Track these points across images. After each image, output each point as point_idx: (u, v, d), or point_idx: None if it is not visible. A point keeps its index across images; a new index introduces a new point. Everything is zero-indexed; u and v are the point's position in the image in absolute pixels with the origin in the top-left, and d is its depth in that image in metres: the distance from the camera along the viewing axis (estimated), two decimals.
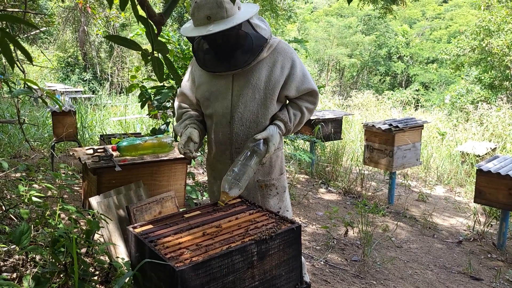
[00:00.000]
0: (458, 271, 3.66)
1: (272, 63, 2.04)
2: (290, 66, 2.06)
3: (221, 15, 1.87)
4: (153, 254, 1.47)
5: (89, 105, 9.43)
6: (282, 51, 2.06)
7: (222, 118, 2.09)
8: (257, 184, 2.15)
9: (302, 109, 2.11)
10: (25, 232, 1.89)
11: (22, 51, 1.01)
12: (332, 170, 6.26)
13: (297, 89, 2.07)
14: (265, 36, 2.00)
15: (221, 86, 2.08)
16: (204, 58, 2.04)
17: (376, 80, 29.07)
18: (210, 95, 2.10)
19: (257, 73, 2.03)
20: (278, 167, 2.20)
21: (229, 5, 1.88)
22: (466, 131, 9.46)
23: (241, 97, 2.04)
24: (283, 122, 2.07)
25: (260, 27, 2.00)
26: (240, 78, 2.04)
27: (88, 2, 7.81)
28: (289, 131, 2.11)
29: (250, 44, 1.95)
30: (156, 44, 1.18)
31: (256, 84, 2.03)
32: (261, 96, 2.04)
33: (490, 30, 14.12)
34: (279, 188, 2.19)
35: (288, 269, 1.65)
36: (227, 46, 1.96)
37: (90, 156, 2.48)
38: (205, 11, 1.87)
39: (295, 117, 2.10)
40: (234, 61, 1.97)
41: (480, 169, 4.18)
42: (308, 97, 2.12)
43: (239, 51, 1.96)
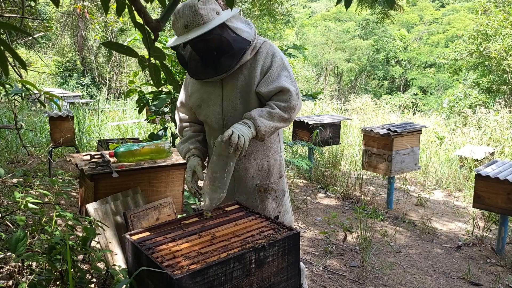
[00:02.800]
0: (457, 277, 3.64)
1: (254, 62, 2.03)
2: (270, 64, 2.03)
3: (197, 22, 1.90)
4: (150, 261, 1.45)
5: (87, 110, 9.42)
6: (265, 50, 2.05)
7: (215, 124, 2.11)
8: (255, 188, 2.13)
9: (271, 105, 1.98)
10: (21, 239, 1.87)
11: (16, 58, 1.00)
12: (331, 175, 6.24)
13: (266, 86, 1.99)
14: (248, 38, 1.99)
15: (211, 93, 2.10)
16: (192, 67, 2.06)
17: (374, 84, 29.13)
18: (202, 102, 2.13)
19: (243, 76, 2.03)
20: (277, 170, 2.18)
21: (204, 11, 1.90)
22: (464, 135, 9.47)
23: (230, 101, 2.05)
24: (244, 116, 1.95)
25: (241, 30, 1.99)
26: (228, 83, 2.05)
27: (86, 8, 7.82)
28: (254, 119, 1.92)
29: (231, 48, 1.95)
30: (153, 51, 1.17)
31: (243, 87, 2.03)
32: (246, 97, 2.04)
33: (487, 34, 14.17)
34: (278, 192, 2.18)
35: (287, 276, 1.63)
36: (209, 52, 1.98)
37: (87, 162, 2.47)
38: (182, 20, 1.91)
39: (260, 110, 1.96)
40: (219, 67, 1.98)
41: (478, 174, 4.17)
42: (279, 96, 2.00)
43: (223, 56, 1.97)
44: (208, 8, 1.92)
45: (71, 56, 19.74)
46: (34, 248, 2.18)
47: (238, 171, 2.11)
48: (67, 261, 1.77)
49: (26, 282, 1.89)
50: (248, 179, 2.13)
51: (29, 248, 2.16)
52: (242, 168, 2.11)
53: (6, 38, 3.59)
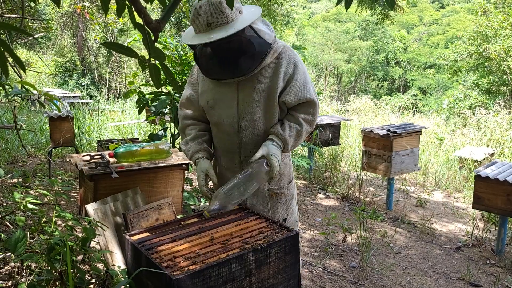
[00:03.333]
0: (457, 278, 3.64)
1: (276, 68, 1.96)
2: (292, 72, 1.98)
3: (221, 21, 1.81)
4: (150, 262, 1.45)
5: (87, 110, 9.42)
6: (286, 56, 1.98)
7: (229, 128, 2.03)
8: (267, 193, 2.10)
9: (300, 121, 2.00)
10: (21, 240, 1.87)
11: (16, 59, 1.00)
12: (330, 176, 6.24)
13: (295, 96, 1.97)
14: (269, 41, 1.91)
15: (225, 94, 2.00)
16: (207, 65, 1.95)
17: (374, 85, 29.14)
18: (215, 103, 2.03)
19: (262, 80, 1.96)
20: (287, 174, 2.16)
21: (229, 10, 1.81)
22: (464, 136, 9.48)
23: (247, 105, 1.98)
24: (276, 134, 1.97)
25: (263, 32, 1.90)
26: (245, 86, 1.97)
27: (86, 8, 7.82)
28: (287, 143, 1.98)
29: (253, 50, 1.86)
30: (153, 51, 1.17)
31: (261, 92, 1.96)
32: (267, 103, 1.97)
33: (487, 35, 14.17)
34: (288, 196, 2.16)
35: (286, 277, 1.63)
36: (229, 53, 1.88)
37: (87, 162, 2.46)
38: (205, 18, 1.81)
39: (290, 129, 1.99)
40: (238, 68, 1.89)
41: (478, 175, 4.17)
42: (306, 108, 2.01)
43: (242, 58, 1.87)
44: (230, 7, 1.80)
45: (71, 57, 19.75)
46: (34, 248, 2.18)
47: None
48: (67, 262, 1.77)
49: (26, 283, 1.89)
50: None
51: (29, 249, 2.16)
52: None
53: (6, 38, 3.59)
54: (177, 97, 3.84)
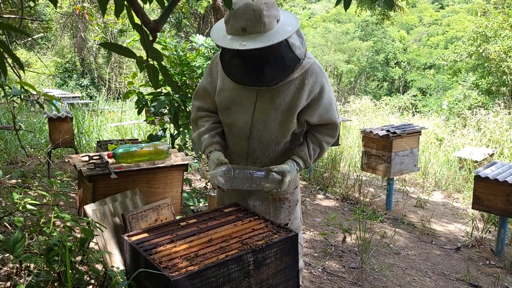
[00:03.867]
0: (456, 278, 3.64)
1: (301, 85, 1.90)
2: (319, 92, 1.93)
3: (257, 29, 1.73)
4: (148, 263, 1.45)
5: (87, 111, 9.42)
6: (314, 74, 1.92)
7: (240, 132, 2.00)
8: (271, 198, 2.09)
9: (322, 144, 2.03)
10: (19, 240, 1.87)
11: (14, 59, 1.00)
12: (330, 176, 6.24)
13: (319, 117, 1.95)
14: (300, 56, 1.84)
15: (244, 98, 1.95)
16: (231, 67, 1.88)
17: (374, 85, 29.14)
18: (232, 105, 1.98)
19: (283, 94, 1.90)
20: (293, 181, 2.12)
21: (268, 19, 1.73)
22: (463, 136, 9.47)
23: (262, 115, 1.94)
24: (303, 159, 2.00)
25: (296, 46, 1.84)
26: (264, 95, 1.92)
27: (86, 9, 7.82)
28: (308, 167, 2.07)
29: (282, 63, 1.81)
30: (151, 52, 1.16)
31: (280, 105, 1.91)
32: (283, 117, 1.93)
33: (487, 36, 14.18)
34: (292, 202, 2.15)
35: (285, 278, 1.63)
36: (257, 62, 1.81)
37: (86, 163, 2.46)
38: (241, 22, 1.73)
39: (314, 153, 2.04)
40: (262, 78, 1.83)
41: (478, 175, 4.17)
42: (328, 130, 2.02)
43: (269, 69, 1.81)
44: (271, 15, 1.75)
45: (71, 57, 19.76)
46: (32, 249, 2.18)
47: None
48: (65, 263, 1.76)
49: (24, 284, 1.89)
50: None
51: (27, 250, 2.15)
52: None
53: (6, 39, 3.58)
54: (176, 98, 3.84)
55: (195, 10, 14.79)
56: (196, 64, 4.08)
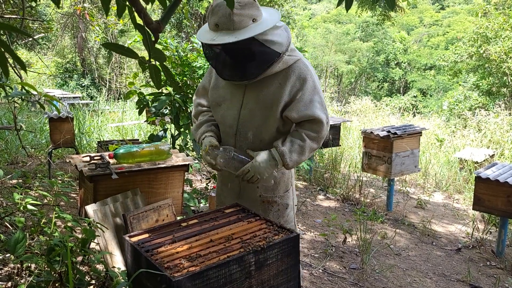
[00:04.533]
0: (457, 279, 3.64)
1: (284, 80, 1.95)
2: (300, 87, 1.95)
3: (227, 26, 1.81)
4: (150, 264, 1.45)
5: (87, 111, 9.41)
6: (297, 70, 1.95)
7: (228, 129, 2.06)
8: (259, 199, 2.11)
9: (302, 136, 1.97)
10: (20, 241, 1.87)
11: (17, 60, 1.00)
12: (331, 177, 6.24)
13: (298, 113, 1.95)
14: (278, 50, 1.88)
15: (233, 95, 2.03)
16: (215, 62, 1.98)
17: (374, 86, 29.15)
18: (223, 101, 2.07)
19: (266, 89, 1.96)
20: (284, 184, 2.14)
21: (238, 18, 1.80)
22: (464, 137, 9.46)
23: (248, 110, 1.99)
24: (276, 147, 1.97)
25: (272, 42, 1.88)
26: (251, 91, 1.99)
27: (86, 9, 7.82)
28: (284, 157, 1.96)
29: (256, 59, 1.87)
30: (153, 52, 1.16)
31: (263, 100, 1.96)
32: (266, 113, 1.97)
33: (487, 37, 14.18)
34: (281, 206, 2.15)
35: (287, 278, 1.63)
36: (233, 58, 1.91)
37: (87, 163, 2.46)
38: (215, 18, 1.83)
39: (292, 143, 1.97)
40: (242, 72, 1.91)
41: (479, 176, 4.17)
42: (311, 125, 1.98)
43: (246, 64, 1.89)
44: (243, 14, 1.82)
45: (71, 57, 19.76)
46: (33, 249, 2.18)
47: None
48: (67, 263, 1.76)
49: (25, 284, 1.88)
50: (253, 188, 2.11)
51: (28, 250, 2.15)
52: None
53: (6, 39, 3.59)
54: (177, 98, 3.84)
55: (195, 11, 14.80)
56: (197, 65, 4.08)
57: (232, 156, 1.96)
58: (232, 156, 1.96)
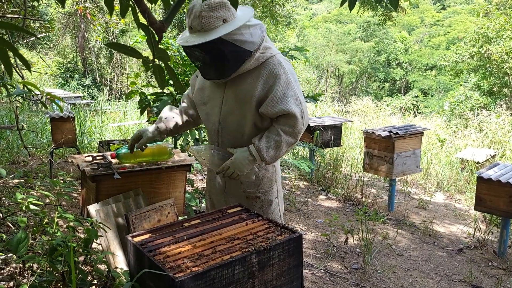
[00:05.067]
0: (459, 280, 3.63)
1: (257, 76, 2.00)
2: (272, 83, 1.98)
3: (198, 28, 1.90)
4: (152, 264, 1.44)
5: (88, 111, 9.41)
6: (269, 66, 1.99)
7: (211, 126, 2.17)
8: (243, 195, 2.18)
9: (278, 131, 1.99)
10: (23, 240, 1.87)
11: (20, 58, 1.00)
12: (332, 177, 6.24)
13: (272, 108, 1.97)
14: (250, 49, 1.94)
15: (215, 93, 2.13)
16: (197, 63, 2.07)
17: (375, 86, 29.14)
18: (207, 100, 2.17)
19: (242, 86, 2.03)
20: (267, 180, 2.18)
21: (207, 20, 1.87)
22: (465, 137, 9.46)
23: (228, 107, 2.08)
24: (253, 143, 2.01)
25: (243, 41, 1.93)
26: (230, 88, 2.07)
27: (88, 9, 7.82)
28: (261, 152, 1.99)
29: (229, 58, 1.94)
30: (157, 52, 1.16)
31: (240, 96, 2.04)
32: (244, 109, 2.04)
33: (488, 37, 14.17)
34: (264, 202, 2.19)
35: (289, 279, 1.63)
36: (207, 57, 1.99)
37: (89, 163, 2.46)
38: (189, 21, 1.92)
39: (268, 139, 1.99)
40: (218, 71, 2.01)
41: (480, 177, 4.16)
42: (286, 120, 1.99)
43: (219, 63, 1.97)
44: (212, 16, 1.87)
45: (72, 57, 19.77)
46: (35, 249, 2.18)
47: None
48: (69, 263, 1.76)
49: (27, 284, 1.88)
50: (237, 184, 2.18)
51: (30, 250, 2.15)
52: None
53: (8, 38, 3.59)
54: (179, 98, 3.84)
55: None
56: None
57: (212, 153, 2.06)
58: (212, 153, 2.06)
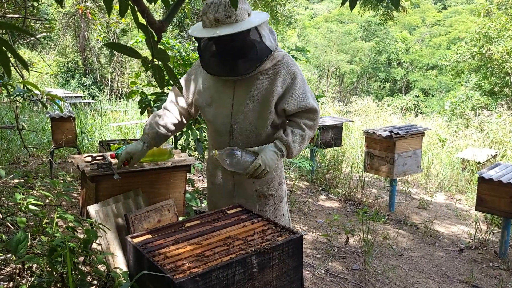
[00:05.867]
0: (460, 280, 3.62)
1: (274, 75, 2.03)
2: (291, 81, 2.04)
3: (229, 19, 1.88)
4: (152, 265, 1.44)
5: (89, 111, 9.40)
6: (286, 65, 2.04)
7: (221, 127, 2.11)
8: (255, 194, 2.16)
9: (301, 126, 2.08)
10: (22, 241, 1.86)
11: (18, 59, 0.99)
12: (333, 177, 6.23)
13: (295, 104, 2.05)
14: (271, 47, 1.98)
15: (222, 93, 2.08)
16: (208, 59, 2.02)
17: (376, 86, 29.11)
18: (212, 101, 2.11)
19: (258, 84, 2.02)
20: (277, 177, 2.21)
21: (239, 10, 1.88)
22: (466, 137, 9.44)
23: (241, 106, 2.05)
24: (280, 139, 2.05)
25: (267, 38, 1.98)
26: (241, 87, 2.04)
27: (88, 8, 7.82)
28: (290, 147, 2.05)
29: (254, 53, 1.94)
30: (157, 52, 1.15)
31: (256, 95, 2.03)
32: (260, 107, 2.04)
33: (490, 36, 14.15)
34: (277, 199, 2.21)
35: (290, 280, 1.62)
36: (231, 51, 1.95)
37: (89, 163, 2.45)
38: (214, 14, 1.88)
39: (293, 134, 2.06)
40: (236, 68, 1.97)
41: (481, 177, 4.15)
42: (307, 114, 2.09)
43: (242, 59, 1.95)
44: (242, 8, 1.90)
45: (73, 57, 19.77)
46: (35, 250, 2.17)
47: (240, 175, 2.13)
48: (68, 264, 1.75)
49: (27, 284, 1.88)
50: (248, 184, 2.16)
51: (30, 250, 2.15)
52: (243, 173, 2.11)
53: (9, 38, 3.58)
54: None
55: (197, 10, 14.78)
56: None
57: (238, 157, 1.98)
58: (238, 157, 1.98)
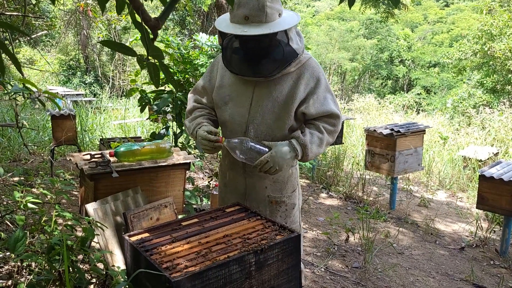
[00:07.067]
0: (460, 278, 3.61)
1: (297, 78, 1.97)
2: (314, 85, 1.99)
3: (259, 18, 1.82)
4: (149, 263, 1.43)
5: (90, 108, 9.41)
6: (310, 68, 1.99)
7: (237, 127, 2.04)
8: (267, 199, 2.11)
9: (321, 128, 2.01)
10: (21, 239, 1.86)
11: (12, 60, 0.98)
12: (333, 175, 6.22)
13: (316, 109, 1.98)
14: (297, 50, 1.93)
15: (241, 93, 2.02)
16: (231, 57, 1.96)
17: (378, 84, 29.04)
18: (229, 100, 2.05)
19: (280, 86, 1.97)
20: (291, 184, 2.15)
21: (270, 10, 1.83)
22: (468, 135, 9.42)
23: (259, 108, 1.99)
24: (297, 139, 1.97)
25: (294, 41, 1.93)
26: (261, 88, 1.98)
27: (89, 6, 7.81)
28: (306, 148, 1.96)
29: (281, 55, 1.88)
30: (151, 50, 1.14)
31: (277, 97, 1.97)
32: (280, 110, 1.97)
33: (492, 34, 14.10)
34: (289, 205, 2.15)
35: (287, 279, 1.61)
36: (256, 52, 1.90)
37: (87, 161, 2.45)
38: (244, 10, 1.82)
39: (311, 135, 1.98)
40: (260, 69, 1.91)
41: (483, 175, 4.14)
42: (328, 119, 2.03)
43: (267, 60, 1.90)
44: (274, 7, 1.84)
45: (75, 55, 19.78)
46: (34, 248, 2.17)
47: (252, 178, 2.09)
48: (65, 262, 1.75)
49: (25, 282, 1.88)
50: (260, 189, 2.10)
51: (28, 248, 2.15)
52: (256, 176, 2.07)
53: (8, 36, 3.58)
54: (179, 96, 3.83)
55: (198, 8, 14.77)
56: (199, 62, 4.07)
57: (250, 147, 1.92)
58: (250, 147, 1.92)
